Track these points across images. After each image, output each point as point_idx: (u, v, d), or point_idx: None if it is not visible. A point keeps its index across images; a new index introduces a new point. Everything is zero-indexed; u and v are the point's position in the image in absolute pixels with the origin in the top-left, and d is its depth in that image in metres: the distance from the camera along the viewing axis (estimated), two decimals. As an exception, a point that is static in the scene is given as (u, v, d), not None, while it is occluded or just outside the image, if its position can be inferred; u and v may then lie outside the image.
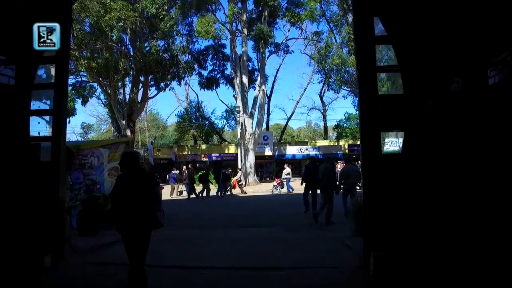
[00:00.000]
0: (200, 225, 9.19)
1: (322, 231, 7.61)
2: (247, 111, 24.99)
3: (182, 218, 10.69)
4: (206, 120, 43.89)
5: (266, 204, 14.11)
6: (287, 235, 7.23)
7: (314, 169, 9.88)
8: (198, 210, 13.33)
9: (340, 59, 20.79)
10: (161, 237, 5.91)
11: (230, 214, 11.35)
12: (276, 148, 33.00)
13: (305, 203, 10.32)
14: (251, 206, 13.65)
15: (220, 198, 17.81)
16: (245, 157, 24.44)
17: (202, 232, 7.81)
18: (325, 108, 43.46)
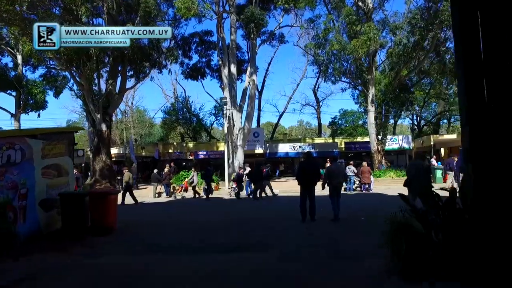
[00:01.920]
0: (167, 243, 6.66)
1: (336, 261, 5.15)
2: (236, 104, 22.45)
3: (147, 230, 8.18)
4: (194, 116, 41.31)
5: (252, 209, 11.66)
6: (288, 266, 4.79)
7: (310, 166, 8.66)
8: (174, 216, 10.80)
9: (339, 44, 18.38)
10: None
11: (211, 223, 8.84)
12: (268, 146, 30.56)
13: (302, 210, 8.46)
14: (236, 211, 11.15)
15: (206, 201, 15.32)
16: (233, 155, 21.91)
17: (160, 262, 5.29)
18: (319, 104, 41.29)
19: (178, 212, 12.08)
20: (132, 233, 7.79)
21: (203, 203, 15.06)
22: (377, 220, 5.49)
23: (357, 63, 19.82)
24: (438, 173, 18.67)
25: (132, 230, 8.17)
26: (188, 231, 7.88)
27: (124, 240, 7.10)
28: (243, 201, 14.88)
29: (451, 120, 40.38)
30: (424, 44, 18.74)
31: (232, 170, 21.73)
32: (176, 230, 8.07)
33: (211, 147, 33.39)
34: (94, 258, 5.56)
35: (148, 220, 9.82)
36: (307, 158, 9.14)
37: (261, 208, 12.18)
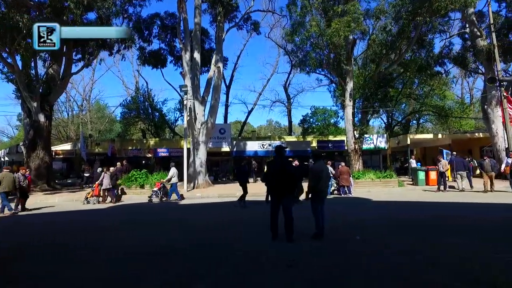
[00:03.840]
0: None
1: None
2: (199, 95, 19.46)
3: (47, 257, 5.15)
4: (156, 111, 37.70)
5: (213, 218, 8.86)
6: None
7: (281, 166, 6.21)
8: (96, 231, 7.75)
9: (317, 27, 15.88)
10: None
11: (151, 247, 5.93)
12: (235, 144, 27.76)
13: (272, 225, 6.12)
14: (192, 223, 8.30)
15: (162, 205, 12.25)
16: (194, 152, 18.93)
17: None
18: (290, 102, 39.09)
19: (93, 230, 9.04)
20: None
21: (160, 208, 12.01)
22: (376, 241, 4.82)
23: (336, 51, 17.50)
24: (421, 175, 16.77)
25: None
26: (107, 264, 4.93)
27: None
28: (194, 209, 12.01)
29: (420, 121, 39.62)
30: (409, 32, 16.71)
31: (193, 169, 18.77)
32: (89, 265, 5.08)
33: (173, 144, 30.08)
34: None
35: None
36: (278, 155, 6.41)
37: (224, 217, 9.43)
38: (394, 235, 6.37)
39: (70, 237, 7.13)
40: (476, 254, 4.82)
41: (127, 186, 16.44)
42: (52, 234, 7.60)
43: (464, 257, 4.66)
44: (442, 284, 3.68)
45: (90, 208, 12.69)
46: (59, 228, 8.52)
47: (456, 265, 4.36)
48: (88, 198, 13.85)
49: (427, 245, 5.41)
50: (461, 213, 8.83)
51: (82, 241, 6.68)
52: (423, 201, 11.67)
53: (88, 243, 6.46)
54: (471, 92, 43.69)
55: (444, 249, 5.15)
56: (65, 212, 11.61)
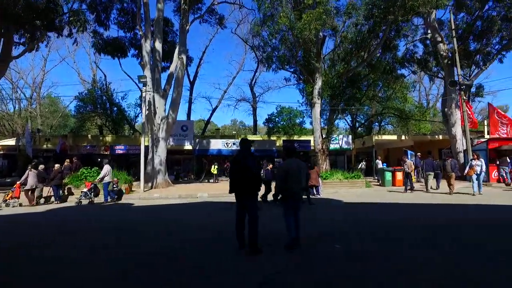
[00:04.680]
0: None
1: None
2: (159, 88, 17.94)
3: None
4: (114, 106, 35.29)
5: (166, 222, 7.64)
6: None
7: (245, 162, 5.13)
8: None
9: (287, 18, 15.01)
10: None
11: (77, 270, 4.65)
12: (198, 142, 26.43)
13: (238, 232, 5.18)
14: (142, 229, 7.03)
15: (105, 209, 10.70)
16: (153, 149, 17.42)
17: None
18: (256, 100, 38.33)
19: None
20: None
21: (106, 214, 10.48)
22: (358, 248, 4.40)
23: (305, 47, 16.78)
24: (388, 175, 16.53)
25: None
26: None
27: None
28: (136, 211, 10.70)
29: (382, 124, 40.41)
30: (379, 30, 16.39)
31: (151, 167, 17.27)
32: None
33: (132, 141, 28.12)
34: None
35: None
36: (242, 150, 5.35)
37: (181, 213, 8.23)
38: (377, 241, 5.60)
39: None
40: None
41: (75, 185, 14.61)
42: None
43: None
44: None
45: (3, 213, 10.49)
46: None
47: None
48: (8, 201, 11.82)
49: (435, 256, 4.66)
50: (458, 216, 8.34)
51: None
52: (396, 202, 11.19)
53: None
54: (428, 97, 45.50)
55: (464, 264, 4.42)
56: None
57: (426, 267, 4.18)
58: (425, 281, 3.68)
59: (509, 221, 7.51)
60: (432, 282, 3.64)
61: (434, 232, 6.24)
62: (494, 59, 20.47)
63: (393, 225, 7.16)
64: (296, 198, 5.38)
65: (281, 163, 6.01)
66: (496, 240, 5.61)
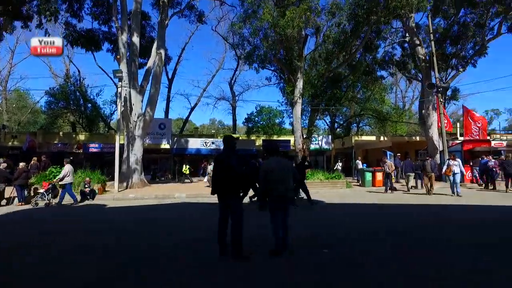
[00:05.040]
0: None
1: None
2: (136, 83, 17.19)
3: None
4: (89, 102, 33.83)
5: (140, 224, 7.09)
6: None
7: (229, 160, 4.85)
8: None
9: (270, 15, 14.64)
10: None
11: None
12: (176, 141, 25.67)
13: (220, 236, 4.81)
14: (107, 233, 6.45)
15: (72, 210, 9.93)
16: (128, 148, 16.65)
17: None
18: (235, 99, 37.86)
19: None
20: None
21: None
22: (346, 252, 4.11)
23: (288, 45, 16.49)
24: (368, 176, 16.52)
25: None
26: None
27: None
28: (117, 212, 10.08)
29: (360, 125, 40.88)
30: (362, 31, 16.31)
31: (127, 167, 16.50)
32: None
33: (107, 140, 26.95)
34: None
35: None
36: (226, 148, 5.06)
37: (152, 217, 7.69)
38: (370, 243, 5.33)
39: None
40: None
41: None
42: None
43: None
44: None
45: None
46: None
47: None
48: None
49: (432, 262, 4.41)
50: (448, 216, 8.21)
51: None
52: (378, 203, 11.08)
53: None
54: (404, 99, 46.55)
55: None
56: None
57: (425, 270, 3.93)
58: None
59: (496, 221, 7.48)
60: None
61: (426, 233, 6.06)
62: (468, 63, 20.99)
63: (379, 226, 6.95)
64: (282, 200, 4.99)
65: (261, 162, 5.53)
66: (483, 238, 5.48)
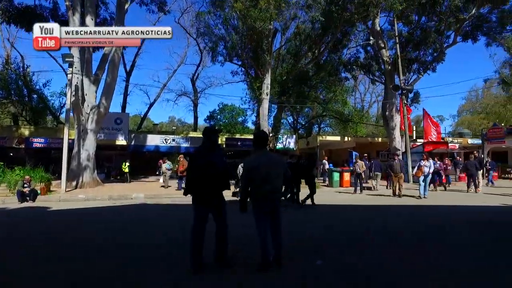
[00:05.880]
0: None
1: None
2: (89, 71, 15.32)
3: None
4: (34, 93, 30.45)
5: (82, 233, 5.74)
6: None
7: (209, 158, 4.04)
8: None
9: (242, 4, 13.57)
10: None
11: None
12: (134, 137, 23.78)
13: (194, 247, 3.90)
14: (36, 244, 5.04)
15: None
16: (79, 142, 14.77)
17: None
18: (197, 96, 36.29)
19: None
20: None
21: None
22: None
23: (257, 39, 15.56)
24: (336, 176, 16.09)
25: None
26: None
27: None
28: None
29: (321, 126, 41.13)
30: (334, 28, 15.81)
31: (77, 163, 14.62)
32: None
33: (55, 134, 24.25)
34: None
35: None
36: (207, 142, 4.16)
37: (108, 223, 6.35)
38: (362, 252, 4.54)
39: None
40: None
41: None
42: None
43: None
44: None
45: None
46: None
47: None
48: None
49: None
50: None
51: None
52: (350, 204, 10.55)
53: None
54: (362, 102, 47.79)
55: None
56: None
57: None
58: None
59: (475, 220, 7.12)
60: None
61: (418, 235, 5.43)
62: (428, 68, 21.52)
63: (366, 228, 6.25)
64: (266, 202, 4.00)
65: (251, 157, 4.47)
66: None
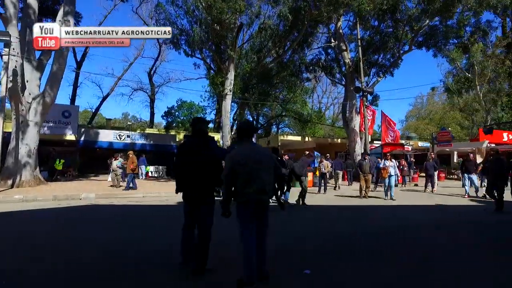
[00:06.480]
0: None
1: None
2: (32, 55, 13.50)
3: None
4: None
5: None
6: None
7: (197, 149, 3.62)
8: None
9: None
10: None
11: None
12: (84, 132, 21.74)
13: (183, 245, 3.75)
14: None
15: None
16: (18, 136, 12.91)
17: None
18: (154, 91, 34.49)
19: None
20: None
21: None
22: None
23: (222, 32, 14.70)
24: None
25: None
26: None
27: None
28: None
29: (280, 126, 41.17)
30: (301, 25, 15.45)
31: (14, 160, 12.77)
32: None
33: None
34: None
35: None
36: (196, 134, 3.73)
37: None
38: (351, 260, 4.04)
39: None
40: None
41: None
42: None
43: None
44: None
45: None
46: None
47: None
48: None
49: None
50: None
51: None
52: (318, 204, 10.20)
53: None
54: (320, 105, 48.68)
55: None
56: None
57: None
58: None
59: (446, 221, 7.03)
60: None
61: (394, 243, 5.07)
62: (387, 72, 22.15)
63: (345, 231, 5.80)
64: (255, 205, 3.32)
65: (237, 149, 3.67)
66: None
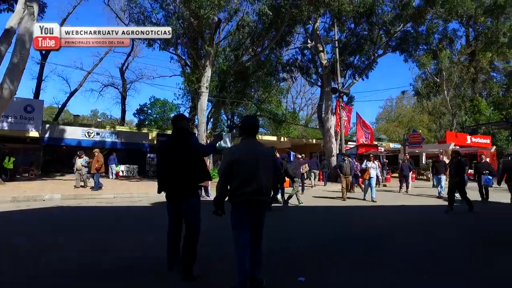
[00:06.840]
0: None
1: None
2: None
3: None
4: None
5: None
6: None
7: (179, 146, 3.47)
8: None
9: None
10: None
11: None
12: (49, 128, 20.34)
13: (169, 247, 3.52)
14: None
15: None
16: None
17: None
18: (126, 88, 33.12)
19: None
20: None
21: None
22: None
23: (199, 28, 14.09)
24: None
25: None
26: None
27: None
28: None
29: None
30: (280, 23, 15.15)
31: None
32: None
33: None
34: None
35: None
36: (178, 131, 3.60)
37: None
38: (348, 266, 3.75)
39: None
40: None
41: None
42: None
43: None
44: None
45: None
46: None
47: None
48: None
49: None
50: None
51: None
52: (296, 205, 9.95)
53: None
54: (294, 105, 48.93)
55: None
56: None
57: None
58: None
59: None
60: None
61: (379, 244, 4.86)
62: (362, 74, 22.44)
63: (332, 233, 5.55)
64: (252, 207, 2.98)
65: (235, 146, 3.29)
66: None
